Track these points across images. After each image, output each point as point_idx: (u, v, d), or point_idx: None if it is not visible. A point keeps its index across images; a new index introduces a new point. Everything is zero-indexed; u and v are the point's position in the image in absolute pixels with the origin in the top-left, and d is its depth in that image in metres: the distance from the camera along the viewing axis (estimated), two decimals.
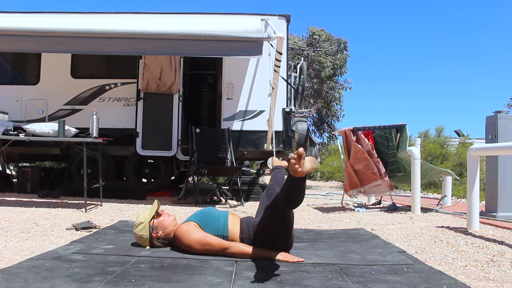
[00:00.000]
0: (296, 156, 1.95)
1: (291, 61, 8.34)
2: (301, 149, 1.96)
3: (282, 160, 3.62)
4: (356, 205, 5.59)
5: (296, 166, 1.96)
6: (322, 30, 15.96)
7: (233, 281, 1.93)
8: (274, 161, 3.47)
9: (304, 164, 2.00)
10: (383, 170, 5.06)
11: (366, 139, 5.25)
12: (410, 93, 44.50)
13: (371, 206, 5.65)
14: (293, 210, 2.42)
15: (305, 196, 6.83)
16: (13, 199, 5.27)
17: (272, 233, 2.35)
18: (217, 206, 5.35)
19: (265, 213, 2.36)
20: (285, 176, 3.26)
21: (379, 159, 5.13)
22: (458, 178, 5.37)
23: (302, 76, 7.91)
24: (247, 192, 6.13)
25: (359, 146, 5.18)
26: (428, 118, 41.26)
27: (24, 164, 8.06)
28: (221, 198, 5.87)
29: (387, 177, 5.06)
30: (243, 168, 6.64)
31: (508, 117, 4.42)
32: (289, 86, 6.58)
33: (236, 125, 6.27)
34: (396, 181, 5.60)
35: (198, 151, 5.70)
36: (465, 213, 3.92)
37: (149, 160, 6.62)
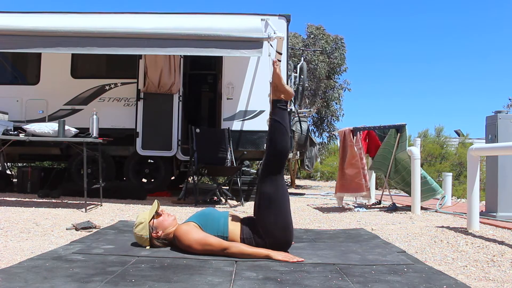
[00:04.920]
0: (275, 59, 2.55)
1: (291, 61, 8.34)
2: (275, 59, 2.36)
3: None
4: (356, 205, 5.58)
5: (276, 63, 2.55)
6: (319, 29, 15.93)
7: (233, 281, 1.93)
8: (275, 80, 2.55)
9: (283, 79, 2.48)
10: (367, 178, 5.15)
11: (360, 143, 5.28)
12: (410, 93, 44.43)
13: (371, 206, 5.64)
14: (291, 208, 2.45)
15: (305, 196, 6.85)
16: (13, 199, 5.27)
17: (268, 210, 2.38)
18: (217, 206, 5.36)
19: (258, 188, 2.47)
20: None
21: (365, 165, 5.18)
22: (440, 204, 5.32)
23: (302, 76, 7.91)
24: (247, 192, 6.13)
25: (356, 150, 5.19)
26: (428, 118, 41.17)
27: (24, 164, 8.06)
28: (221, 198, 5.87)
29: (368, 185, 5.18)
30: (243, 168, 6.63)
31: (508, 117, 4.41)
32: (289, 86, 6.58)
33: (236, 125, 6.27)
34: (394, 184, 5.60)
35: (198, 151, 5.70)
36: (465, 213, 3.92)
37: (149, 160, 6.62)
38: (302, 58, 9.28)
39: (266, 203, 2.41)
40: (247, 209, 5.09)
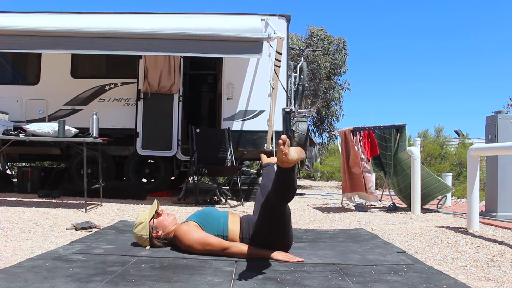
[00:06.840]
0: (281, 142, 1.97)
1: (291, 61, 8.34)
2: (283, 136, 1.99)
3: (272, 157, 3.56)
4: (356, 205, 5.58)
5: (283, 151, 1.97)
6: (321, 30, 15.94)
7: (233, 281, 1.93)
8: (263, 159, 3.37)
9: (290, 153, 2.01)
10: (368, 180, 5.12)
11: (360, 143, 5.27)
12: (410, 93, 44.45)
13: (371, 206, 5.64)
14: (290, 208, 2.43)
15: (305, 196, 6.84)
16: (13, 199, 5.27)
17: (269, 231, 2.34)
18: (217, 206, 5.35)
19: (260, 212, 2.35)
20: None
21: (366, 166, 5.17)
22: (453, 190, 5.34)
23: (302, 76, 7.91)
24: (247, 192, 6.13)
25: (357, 150, 5.18)
26: (427, 118, 41.18)
27: (24, 164, 8.06)
28: (221, 198, 5.87)
29: (372, 187, 5.16)
30: (243, 168, 6.63)
31: (508, 117, 4.41)
32: (289, 86, 6.58)
33: (236, 125, 6.27)
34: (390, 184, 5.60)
35: (198, 151, 5.70)
36: (465, 213, 3.92)
37: (149, 160, 6.62)
38: (302, 58, 9.28)
39: (267, 225, 2.33)
40: (247, 209, 5.09)
